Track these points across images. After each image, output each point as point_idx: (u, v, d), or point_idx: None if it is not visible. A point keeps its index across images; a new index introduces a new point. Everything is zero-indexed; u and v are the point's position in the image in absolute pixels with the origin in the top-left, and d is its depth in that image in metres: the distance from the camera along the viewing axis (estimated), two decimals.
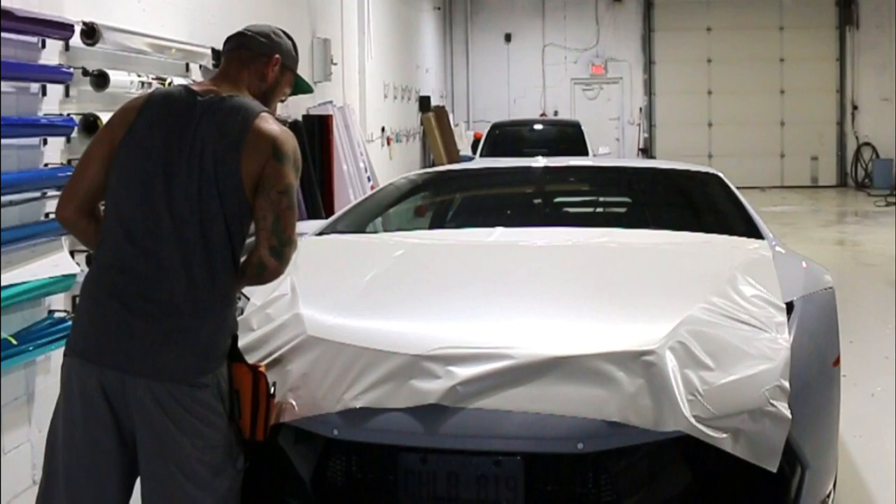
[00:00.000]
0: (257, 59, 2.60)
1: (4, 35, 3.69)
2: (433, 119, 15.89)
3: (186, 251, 2.37)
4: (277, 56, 2.62)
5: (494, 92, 19.66)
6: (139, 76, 4.87)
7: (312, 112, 8.65)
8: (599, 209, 5.34)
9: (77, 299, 2.60)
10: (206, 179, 2.38)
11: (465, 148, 16.47)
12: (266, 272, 2.46)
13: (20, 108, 3.92)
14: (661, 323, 2.80)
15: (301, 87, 2.81)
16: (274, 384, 2.58)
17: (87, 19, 4.42)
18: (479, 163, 9.03)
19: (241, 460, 2.50)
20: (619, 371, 2.64)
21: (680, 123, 19.41)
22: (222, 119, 2.43)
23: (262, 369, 2.54)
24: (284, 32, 2.71)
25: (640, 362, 2.65)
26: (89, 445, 2.39)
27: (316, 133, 8.41)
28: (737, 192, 4.54)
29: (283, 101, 2.77)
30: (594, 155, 12.64)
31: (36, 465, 3.79)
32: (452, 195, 5.09)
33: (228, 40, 2.65)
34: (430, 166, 14.74)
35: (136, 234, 2.39)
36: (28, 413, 3.86)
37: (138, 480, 2.46)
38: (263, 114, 2.49)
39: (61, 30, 4.15)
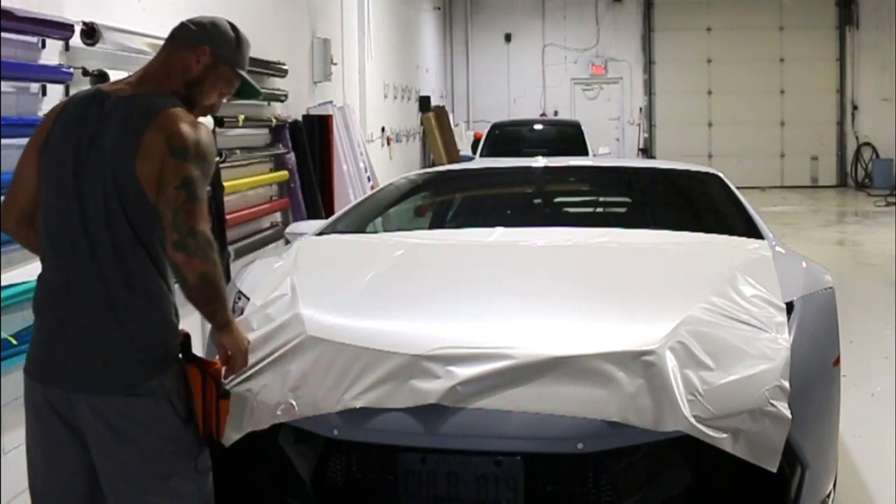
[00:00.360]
0: (182, 48, 2.46)
1: (4, 35, 3.69)
2: (433, 119, 15.89)
3: (100, 262, 2.29)
4: (206, 47, 2.45)
5: (494, 92, 19.66)
6: None
7: (312, 112, 8.65)
8: (599, 209, 5.33)
9: None
10: (109, 186, 2.29)
11: (465, 148, 16.46)
12: (178, 269, 2.28)
13: (20, 108, 3.92)
14: (661, 323, 2.80)
15: (246, 91, 2.63)
16: (225, 383, 2.47)
17: (87, 19, 4.42)
18: (479, 163, 9.03)
19: (203, 461, 2.43)
20: (619, 371, 2.64)
21: (680, 123, 19.41)
22: (123, 121, 2.31)
23: (215, 367, 2.44)
24: (235, 29, 2.55)
25: (640, 362, 2.65)
26: (52, 465, 2.39)
27: (316, 133, 8.41)
28: (737, 192, 4.54)
29: (226, 101, 2.61)
30: (594, 155, 12.64)
31: None
32: (452, 195, 5.09)
33: None
34: (430, 166, 14.74)
35: (58, 247, 2.35)
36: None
37: None
38: (168, 111, 2.32)
39: (61, 30, 4.15)
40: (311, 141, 8.26)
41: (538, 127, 15.21)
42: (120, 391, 2.28)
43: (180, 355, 2.43)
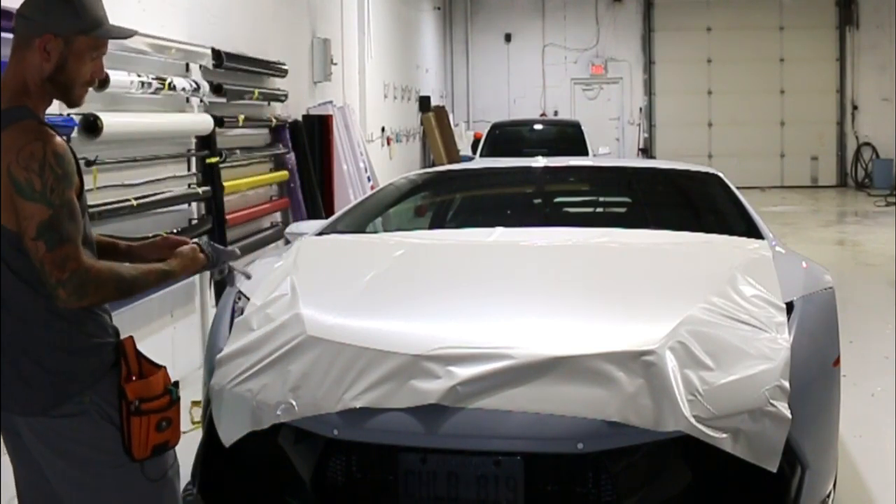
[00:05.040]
0: (25, 48, 2.16)
1: (4, 35, 3.69)
2: (433, 119, 15.89)
3: None
4: (47, 34, 2.14)
5: (494, 92, 19.66)
6: (139, 76, 4.87)
7: (312, 112, 8.66)
8: (599, 209, 5.34)
9: None
10: None
11: (465, 148, 16.47)
12: (60, 303, 2.12)
13: None
14: (661, 323, 2.80)
15: (117, 37, 2.35)
16: (135, 402, 2.24)
17: None
18: (479, 163, 9.03)
19: (153, 468, 2.30)
20: (619, 371, 2.64)
21: (680, 123, 19.41)
22: None
23: (129, 385, 2.25)
24: None
25: (640, 362, 2.65)
26: (18, 469, 2.37)
27: (316, 133, 8.41)
28: (737, 192, 4.54)
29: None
30: (594, 155, 12.63)
31: None
32: (452, 195, 5.09)
33: None
34: (430, 166, 14.74)
35: None
36: None
37: None
38: (11, 126, 2.09)
39: None
40: (311, 141, 8.26)
41: (538, 127, 15.21)
42: (48, 412, 2.20)
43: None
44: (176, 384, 2.35)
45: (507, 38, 19.75)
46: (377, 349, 2.77)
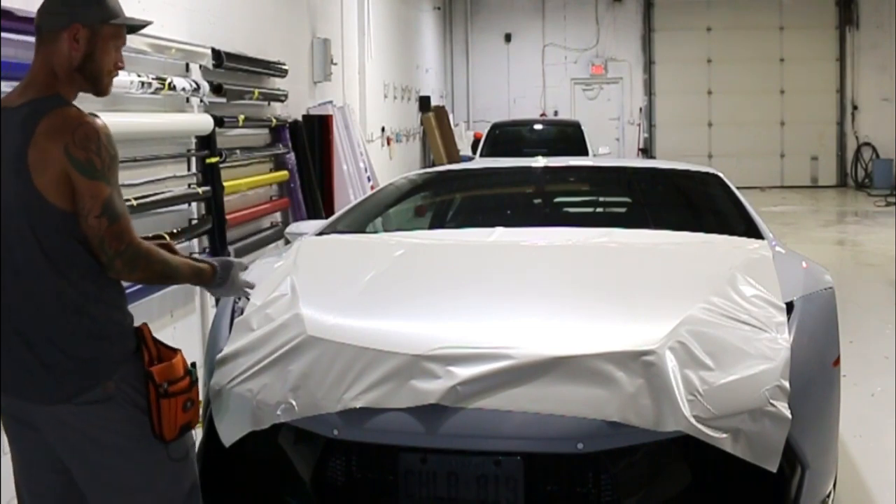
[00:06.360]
0: (54, 40, 2.28)
1: (4, 35, 3.69)
2: (433, 119, 15.89)
3: (22, 280, 2.23)
4: (76, 24, 2.27)
5: (494, 92, 19.66)
6: (139, 76, 4.87)
7: (312, 112, 8.65)
8: (599, 209, 5.34)
9: None
10: (12, 203, 2.21)
11: (465, 148, 16.47)
12: (113, 274, 2.27)
13: None
14: (661, 323, 2.80)
15: (133, 29, 2.48)
16: (163, 384, 2.32)
17: None
18: (479, 163, 9.03)
19: (175, 448, 2.37)
20: (619, 371, 2.64)
21: (680, 123, 19.41)
22: (11, 133, 2.20)
23: (155, 368, 2.32)
24: None
25: (640, 362, 2.65)
26: (26, 467, 2.39)
27: (316, 133, 8.41)
28: (737, 192, 4.54)
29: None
30: (594, 155, 12.64)
31: None
32: (452, 195, 5.09)
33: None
34: (430, 166, 14.74)
35: None
36: None
37: None
38: (55, 114, 2.20)
39: None
40: (311, 141, 8.26)
41: (538, 127, 15.20)
42: (72, 399, 2.24)
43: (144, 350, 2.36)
44: (193, 365, 2.46)
45: (507, 38, 19.75)
46: (377, 349, 2.77)
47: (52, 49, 2.29)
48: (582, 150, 12.57)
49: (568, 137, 13.21)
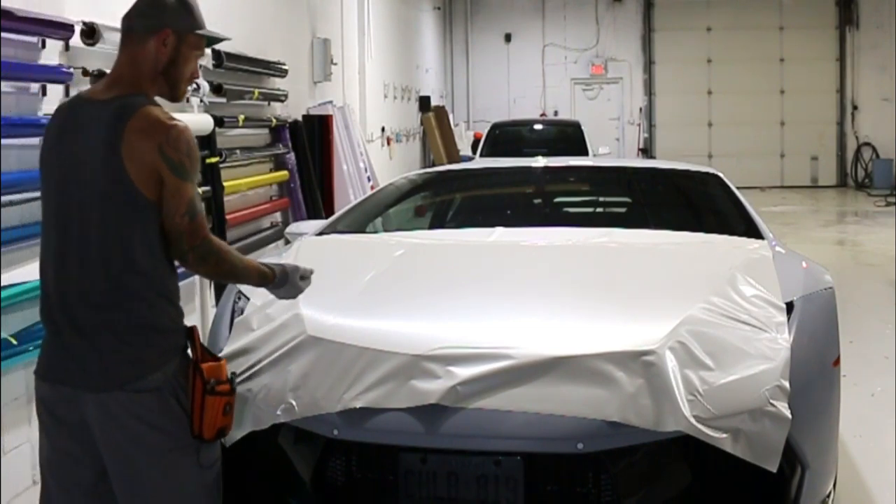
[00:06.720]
0: (144, 41, 2.38)
1: (4, 35, 3.70)
2: (433, 119, 15.89)
3: (91, 266, 2.30)
4: (166, 29, 2.38)
5: (494, 92, 19.66)
6: None
7: (312, 112, 8.66)
8: (599, 209, 5.34)
9: None
10: (95, 194, 2.29)
11: (465, 148, 16.47)
12: (186, 264, 2.38)
13: (20, 108, 3.92)
14: (661, 323, 2.80)
15: (211, 43, 2.58)
16: (211, 381, 2.37)
17: (87, 19, 4.42)
18: (479, 163, 9.03)
19: (206, 455, 2.41)
20: (619, 371, 2.64)
21: (680, 123, 19.41)
22: (100, 127, 2.29)
23: (205, 365, 2.39)
24: None
25: (640, 362, 2.65)
26: (61, 459, 2.40)
27: (316, 133, 8.41)
28: (737, 192, 4.54)
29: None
30: (594, 155, 12.63)
31: (36, 465, 3.78)
32: (452, 195, 5.09)
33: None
34: (430, 166, 14.74)
35: (55, 256, 2.36)
36: (28, 413, 3.86)
37: None
38: (146, 111, 2.30)
39: (61, 30, 4.16)
40: (311, 141, 8.27)
41: (538, 127, 15.19)
42: (124, 386, 2.29)
43: (188, 350, 2.44)
44: (234, 374, 2.55)
45: (507, 38, 19.75)
46: (377, 349, 2.77)
47: (139, 49, 2.38)
48: (582, 150, 12.57)
49: (568, 137, 13.21)
